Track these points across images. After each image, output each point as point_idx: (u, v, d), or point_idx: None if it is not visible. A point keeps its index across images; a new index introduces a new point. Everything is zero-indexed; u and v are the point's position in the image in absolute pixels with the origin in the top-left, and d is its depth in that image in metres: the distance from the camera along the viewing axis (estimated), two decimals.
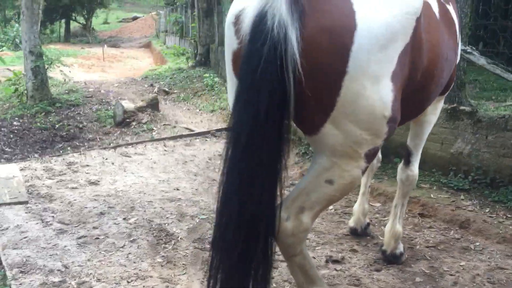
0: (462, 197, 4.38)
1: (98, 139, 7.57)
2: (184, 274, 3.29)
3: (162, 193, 4.88)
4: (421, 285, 3.15)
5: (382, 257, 3.46)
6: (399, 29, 2.02)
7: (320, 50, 1.92)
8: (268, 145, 1.97)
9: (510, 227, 3.86)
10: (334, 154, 2.13)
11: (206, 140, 7.29)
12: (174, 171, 5.68)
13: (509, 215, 4.03)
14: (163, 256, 3.54)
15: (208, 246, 3.71)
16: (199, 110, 9.85)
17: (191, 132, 7.59)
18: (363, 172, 2.22)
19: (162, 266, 3.39)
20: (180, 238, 3.84)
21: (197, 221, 4.20)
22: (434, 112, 3.17)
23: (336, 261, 3.46)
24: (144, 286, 3.11)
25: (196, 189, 5.06)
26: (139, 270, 3.31)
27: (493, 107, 5.26)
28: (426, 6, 2.29)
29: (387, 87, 2.04)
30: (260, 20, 1.92)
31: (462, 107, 4.65)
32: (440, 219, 4.11)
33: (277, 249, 2.24)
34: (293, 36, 1.88)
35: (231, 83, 2.26)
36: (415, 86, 2.28)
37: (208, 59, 14.60)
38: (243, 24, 2.03)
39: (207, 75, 12.49)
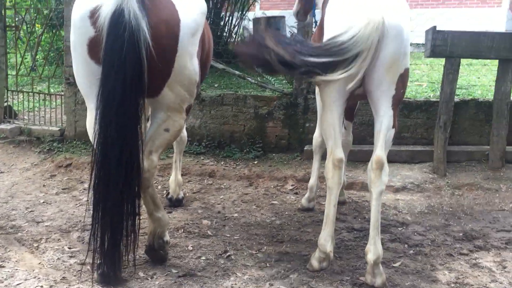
0: (202, 157, 5.78)
1: None
2: (10, 251, 3.51)
3: None
4: (203, 214, 4.33)
5: (169, 203, 4.47)
6: (199, 23, 3.09)
7: (161, 36, 2.82)
8: (134, 104, 2.76)
9: (241, 170, 5.47)
10: (168, 109, 3.05)
11: None
12: None
13: (237, 163, 5.65)
14: None
15: (11, 230, 3.95)
16: None
17: None
18: (185, 122, 3.23)
19: None
20: None
21: None
22: None
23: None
24: None
25: None
26: None
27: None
28: None
29: (195, 61, 3.09)
30: (119, 14, 2.67)
31: None
32: (194, 174, 5.39)
33: None
34: (144, 26, 2.71)
35: (85, 64, 2.85)
36: (202, 63, 3.40)
37: None
38: (100, 17, 2.71)
39: None
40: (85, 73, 2.91)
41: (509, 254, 3.48)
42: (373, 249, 2.98)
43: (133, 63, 2.70)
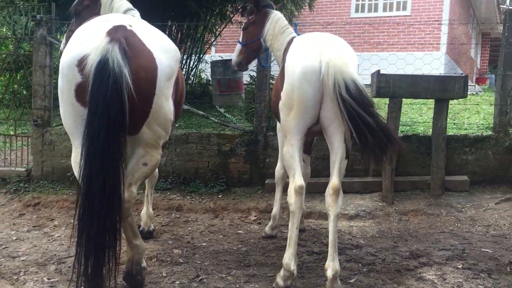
0: (169, 193, 6.08)
1: None
2: None
3: None
4: (174, 244, 4.61)
5: (140, 235, 4.71)
6: (174, 69, 3.50)
7: (141, 81, 3.20)
8: (117, 142, 3.09)
9: (206, 203, 5.80)
10: (146, 146, 3.40)
11: None
12: None
13: (202, 198, 5.98)
14: None
15: None
16: None
17: None
18: (161, 157, 3.58)
19: None
20: None
21: None
22: None
23: None
24: None
25: None
26: None
27: None
28: None
29: (171, 102, 3.48)
30: (105, 62, 3.03)
31: None
32: (162, 209, 5.67)
33: None
34: (126, 72, 3.08)
35: (72, 107, 3.17)
36: (176, 103, 3.79)
37: None
38: (87, 66, 3.07)
39: None
40: (71, 115, 3.23)
41: (449, 269, 3.95)
42: (332, 265, 3.38)
43: (116, 106, 3.04)
